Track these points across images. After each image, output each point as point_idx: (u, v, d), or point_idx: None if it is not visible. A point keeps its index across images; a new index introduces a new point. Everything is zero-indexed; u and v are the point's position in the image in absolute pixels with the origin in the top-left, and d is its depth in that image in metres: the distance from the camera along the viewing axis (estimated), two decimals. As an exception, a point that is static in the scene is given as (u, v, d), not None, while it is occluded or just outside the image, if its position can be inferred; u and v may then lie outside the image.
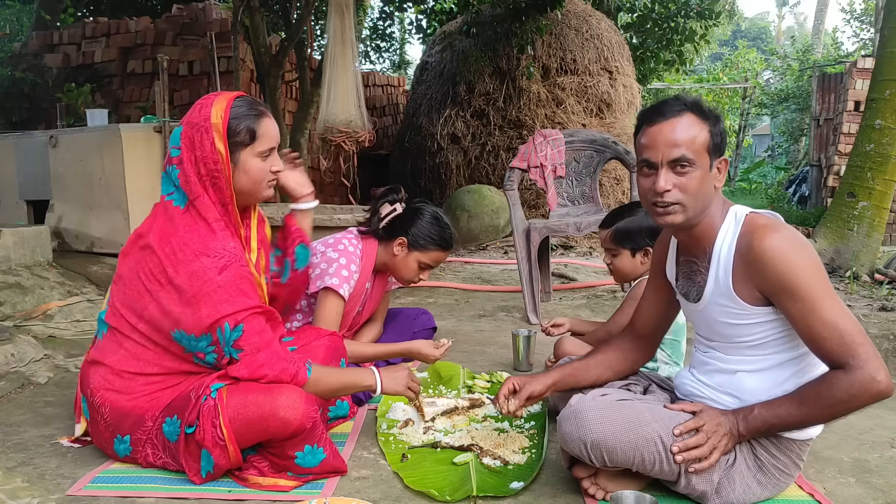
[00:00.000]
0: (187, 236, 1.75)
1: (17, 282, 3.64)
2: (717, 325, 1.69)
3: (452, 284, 4.85)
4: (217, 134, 1.76)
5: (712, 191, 1.64)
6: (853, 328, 1.51)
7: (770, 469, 1.67)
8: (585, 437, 1.62)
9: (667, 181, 1.60)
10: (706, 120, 1.62)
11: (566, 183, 4.02)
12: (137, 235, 1.85)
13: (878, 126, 5.04)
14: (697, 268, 1.72)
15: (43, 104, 7.57)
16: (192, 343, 1.75)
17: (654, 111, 1.65)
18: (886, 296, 4.37)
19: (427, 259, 2.59)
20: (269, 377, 1.76)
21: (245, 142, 1.80)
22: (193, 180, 1.77)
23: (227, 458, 1.73)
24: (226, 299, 1.71)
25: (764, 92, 18.33)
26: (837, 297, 1.55)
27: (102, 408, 1.84)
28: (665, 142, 1.60)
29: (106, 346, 1.87)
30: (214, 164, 1.76)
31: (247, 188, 1.83)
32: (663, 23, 10.10)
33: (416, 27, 11.06)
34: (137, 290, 1.80)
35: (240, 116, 1.79)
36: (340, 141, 5.04)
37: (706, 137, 1.61)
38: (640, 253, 2.41)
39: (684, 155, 1.59)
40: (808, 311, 1.52)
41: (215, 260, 1.73)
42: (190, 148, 1.78)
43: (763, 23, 39.06)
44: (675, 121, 1.60)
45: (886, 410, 2.58)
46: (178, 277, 1.73)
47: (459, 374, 2.73)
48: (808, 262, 1.54)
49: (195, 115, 1.82)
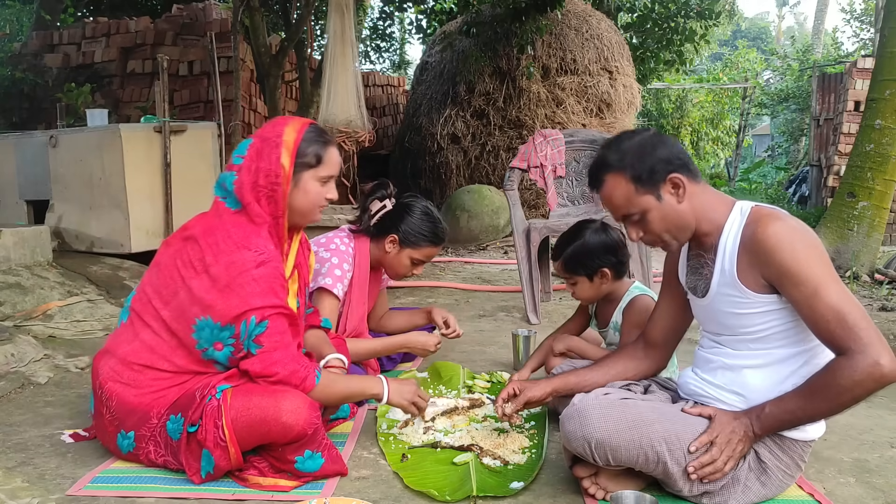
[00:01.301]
0: (232, 230, 1.82)
1: (17, 282, 3.64)
2: (723, 316, 1.70)
3: (452, 284, 4.85)
4: (286, 150, 1.85)
5: (683, 209, 1.67)
6: (856, 312, 1.50)
7: (773, 470, 1.67)
8: (589, 436, 1.62)
9: (635, 233, 1.72)
10: (621, 170, 1.67)
11: (566, 183, 4.02)
12: (184, 228, 1.93)
13: (878, 126, 5.04)
14: (705, 261, 1.73)
15: (43, 104, 7.56)
16: (213, 332, 1.77)
17: (589, 178, 1.77)
18: (886, 296, 4.37)
19: (419, 255, 2.59)
20: (279, 376, 1.77)
21: (311, 164, 1.89)
22: (247, 188, 1.84)
23: (228, 459, 1.74)
24: (257, 293, 1.75)
25: (764, 92, 18.31)
26: (840, 282, 1.55)
27: (109, 401, 1.84)
28: (610, 207, 1.73)
29: (122, 334, 1.89)
30: (276, 178, 1.84)
31: (301, 208, 1.92)
32: (663, 23, 10.10)
33: (416, 27, 11.05)
34: (171, 276, 1.84)
35: (310, 140, 1.89)
36: (340, 141, 5.04)
37: (630, 186, 1.66)
38: (598, 276, 2.33)
39: (625, 213, 1.69)
40: (810, 295, 1.52)
41: (255, 254, 1.78)
42: (255, 158, 1.86)
43: (763, 23, 39.06)
44: (603, 191, 1.72)
45: (886, 410, 2.58)
46: (216, 266, 1.77)
47: (459, 374, 2.73)
48: (810, 248, 1.55)
49: (268, 130, 1.91)
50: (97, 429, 1.95)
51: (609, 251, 2.32)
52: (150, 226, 4.50)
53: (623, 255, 2.36)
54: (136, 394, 1.82)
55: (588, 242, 2.32)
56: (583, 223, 2.41)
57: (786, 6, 35.83)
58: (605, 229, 2.36)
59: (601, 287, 2.36)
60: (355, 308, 2.58)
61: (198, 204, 4.83)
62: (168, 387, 1.83)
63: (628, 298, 2.35)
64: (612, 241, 2.34)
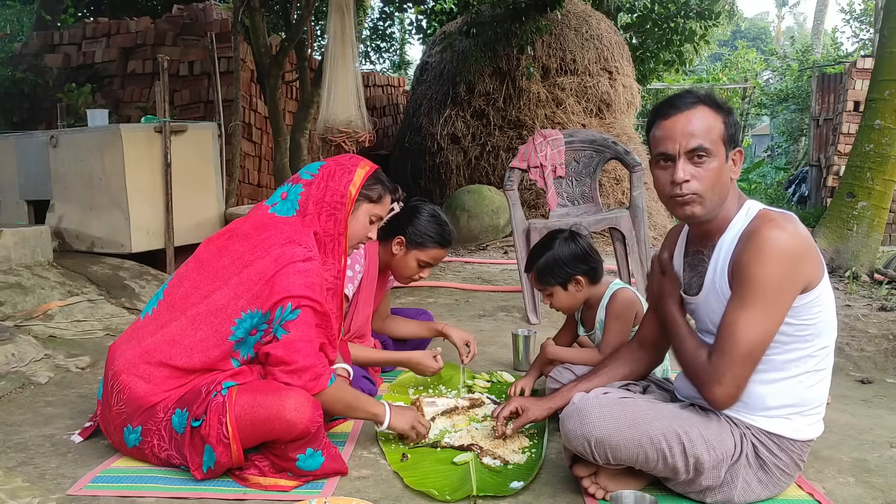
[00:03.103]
0: (285, 227, 1.93)
1: (17, 282, 3.64)
2: (715, 315, 1.70)
3: (452, 284, 4.86)
4: (357, 178, 2.03)
5: (728, 182, 1.66)
6: (743, 350, 1.56)
7: (772, 468, 1.67)
8: (589, 435, 1.62)
9: (685, 171, 1.61)
10: (720, 111, 1.64)
11: (566, 183, 4.03)
12: (228, 228, 2.02)
13: (877, 126, 5.04)
14: (702, 258, 1.73)
15: (43, 104, 7.56)
16: (252, 320, 1.82)
17: (668, 104, 1.66)
18: (886, 296, 4.37)
19: (426, 257, 2.60)
20: (298, 364, 1.79)
21: (371, 198, 2.08)
22: (313, 201, 1.98)
23: (230, 456, 1.75)
24: (299, 284, 1.82)
25: (763, 92, 18.31)
26: (769, 321, 1.57)
27: (121, 393, 1.85)
28: (682, 133, 1.61)
29: (146, 326, 1.90)
30: (341, 198, 2.00)
31: (351, 234, 2.06)
32: (663, 23, 10.10)
33: (416, 27, 11.06)
34: (215, 271, 1.89)
35: (377, 181, 2.09)
36: (340, 141, 5.03)
37: (721, 128, 1.63)
38: (572, 284, 2.34)
39: (701, 144, 1.60)
40: (735, 305, 1.57)
41: (303, 249, 1.87)
42: (326, 178, 2.01)
43: (763, 23, 39.03)
44: (690, 112, 1.62)
45: (886, 410, 2.58)
46: (266, 258, 1.85)
47: (459, 374, 2.73)
48: (778, 271, 1.54)
49: (344, 159, 2.09)
50: (102, 418, 1.95)
51: (579, 260, 2.32)
52: (151, 226, 4.50)
53: (594, 260, 2.36)
54: (148, 389, 1.83)
55: (557, 253, 2.32)
56: (551, 234, 2.41)
57: (785, 6, 35.79)
58: (574, 237, 2.36)
59: (577, 295, 2.36)
60: (362, 309, 2.58)
61: (198, 204, 4.84)
62: (178, 387, 1.84)
63: (608, 295, 2.36)
64: (581, 249, 2.34)
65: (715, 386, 1.59)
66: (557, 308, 2.43)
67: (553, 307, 2.44)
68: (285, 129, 6.33)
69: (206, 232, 4.95)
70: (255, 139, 7.55)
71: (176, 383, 1.84)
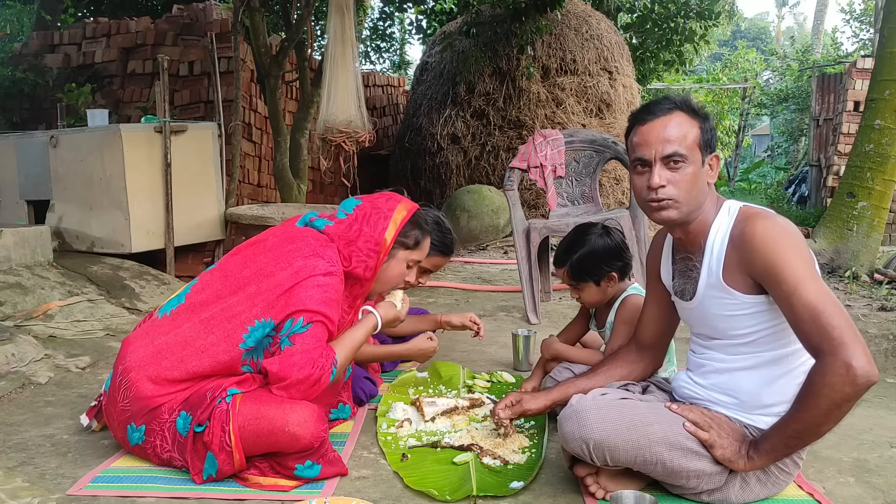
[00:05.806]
0: (311, 240, 1.93)
1: (17, 282, 3.64)
2: (711, 318, 1.70)
3: (452, 284, 4.86)
4: (394, 225, 2.00)
5: (706, 187, 1.67)
6: (831, 310, 1.46)
7: (770, 467, 1.67)
8: (587, 437, 1.62)
9: (661, 177, 1.62)
10: (696, 117, 1.66)
11: (566, 183, 4.03)
12: (255, 239, 2.02)
13: (877, 126, 5.04)
14: (692, 263, 1.74)
15: (43, 104, 7.56)
16: (264, 330, 1.82)
17: (645, 110, 1.68)
18: (886, 296, 4.37)
19: (427, 263, 2.60)
20: (292, 379, 1.77)
21: (408, 245, 2.07)
22: (342, 243, 1.96)
23: (232, 464, 1.75)
24: (317, 298, 1.82)
25: (763, 92, 18.32)
26: (821, 281, 1.54)
27: (128, 391, 1.84)
28: (657, 139, 1.63)
29: (161, 326, 1.91)
30: (376, 245, 1.97)
31: (386, 279, 2.07)
32: (663, 23, 10.10)
33: (416, 27, 11.05)
34: (237, 281, 1.89)
35: (415, 225, 2.07)
36: (340, 141, 5.03)
37: (697, 134, 1.64)
38: (605, 280, 2.31)
39: (677, 150, 1.62)
40: (790, 293, 1.51)
41: (326, 263, 1.86)
42: (360, 220, 1.99)
43: (763, 23, 39.05)
44: (666, 119, 1.64)
45: (886, 410, 2.58)
46: (289, 269, 1.85)
47: (459, 373, 2.73)
48: (793, 246, 1.55)
49: (381, 202, 2.04)
50: (107, 412, 1.95)
51: (615, 255, 2.30)
52: (151, 226, 4.50)
53: (627, 256, 2.35)
54: (155, 390, 1.83)
55: (594, 249, 2.28)
56: (583, 227, 2.37)
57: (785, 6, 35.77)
58: (608, 233, 2.34)
59: (607, 291, 2.34)
60: None
61: (198, 204, 4.84)
62: (185, 388, 1.85)
63: (621, 299, 2.35)
64: (617, 244, 2.31)
65: (842, 364, 1.42)
66: (585, 303, 2.42)
67: (580, 301, 2.42)
68: (285, 129, 6.32)
69: (206, 232, 4.95)
70: (255, 139, 7.55)
71: (183, 385, 1.84)
